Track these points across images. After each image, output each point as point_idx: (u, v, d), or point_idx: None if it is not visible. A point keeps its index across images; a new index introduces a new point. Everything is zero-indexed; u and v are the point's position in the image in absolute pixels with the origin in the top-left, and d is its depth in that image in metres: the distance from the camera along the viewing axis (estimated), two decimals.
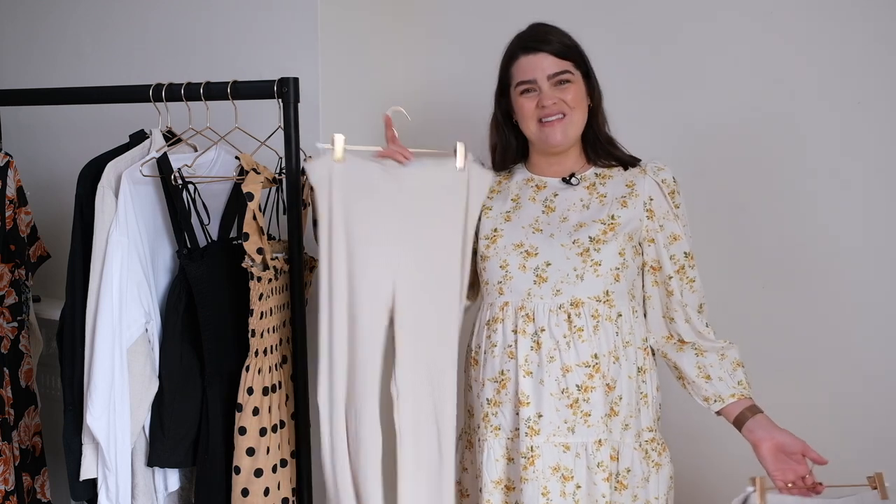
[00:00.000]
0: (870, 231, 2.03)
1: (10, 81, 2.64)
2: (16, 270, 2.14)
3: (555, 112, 1.68)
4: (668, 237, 1.72)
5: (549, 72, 1.67)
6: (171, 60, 2.35)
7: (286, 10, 2.14)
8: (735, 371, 1.70)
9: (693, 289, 1.73)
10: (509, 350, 1.68)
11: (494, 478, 1.70)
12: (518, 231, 1.72)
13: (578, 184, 1.74)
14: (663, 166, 1.73)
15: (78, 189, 1.78)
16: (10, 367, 2.13)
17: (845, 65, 2.01)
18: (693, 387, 1.72)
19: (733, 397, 1.68)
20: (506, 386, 1.69)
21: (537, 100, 1.68)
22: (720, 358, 1.71)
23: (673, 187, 1.72)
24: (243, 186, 1.67)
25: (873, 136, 2.00)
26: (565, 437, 1.66)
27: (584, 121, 1.72)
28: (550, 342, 1.66)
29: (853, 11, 1.99)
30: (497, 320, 1.71)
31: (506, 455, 1.71)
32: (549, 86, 1.68)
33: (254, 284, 1.69)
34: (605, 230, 1.68)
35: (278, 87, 1.71)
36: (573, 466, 1.66)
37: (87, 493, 1.78)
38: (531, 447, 1.65)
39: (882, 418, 2.04)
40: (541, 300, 1.67)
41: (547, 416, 1.65)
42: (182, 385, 1.77)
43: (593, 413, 1.65)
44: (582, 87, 1.70)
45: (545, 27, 1.72)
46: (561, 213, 1.72)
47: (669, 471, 1.74)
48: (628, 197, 1.71)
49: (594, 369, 1.65)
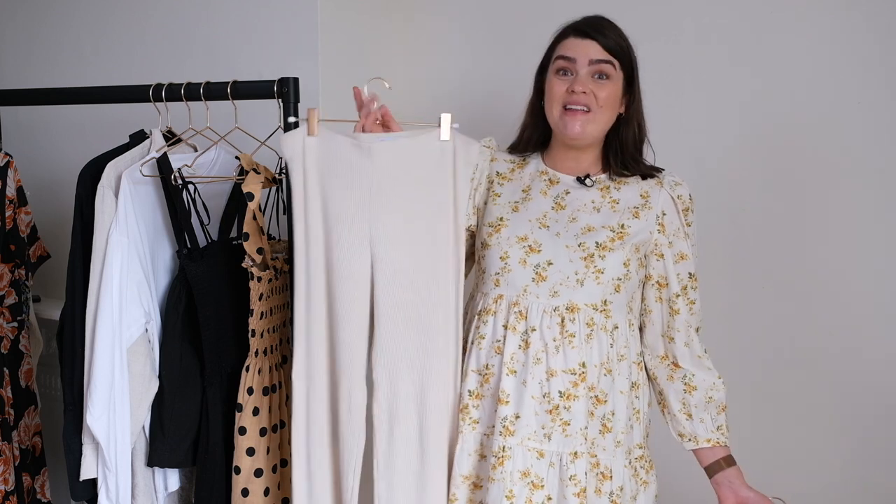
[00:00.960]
0: (870, 231, 2.03)
1: (10, 81, 2.64)
2: (16, 270, 2.14)
3: (582, 102, 1.62)
4: (676, 255, 1.68)
5: (592, 57, 1.62)
6: (171, 60, 2.35)
7: (286, 10, 2.14)
8: (718, 416, 1.67)
9: (692, 311, 1.69)
10: (497, 345, 1.63)
11: (464, 472, 1.64)
12: (524, 224, 1.67)
13: (592, 185, 1.69)
14: (681, 181, 1.69)
15: (78, 189, 1.78)
16: (10, 367, 2.13)
17: (845, 65, 2.01)
18: (673, 420, 1.70)
19: (708, 442, 1.66)
20: (489, 380, 1.64)
21: (569, 84, 1.63)
22: (706, 401, 1.67)
23: (688, 205, 1.68)
24: (243, 186, 1.67)
25: (873, 136, 2.00)
26: (540, 443, 1.60)
27: (609, 124, 1.66)
28: (539, 343, 1.61)
29: (853, 11, 1.99)
30: (489, 312, 1.65)
31: (479, 451, 1.66)
32: (587, 73, 1.62)
33: (254, 284, 1.69)
34: (613, 238, 1.63)
35: (278, 87, 1.71)
36: (545, 476, 1.60)
37: (87, 493, 1.78)
38: (503, 447, 1.60)
39: (882, 418, 2.04)
40: (536, 299, 1.62)
41: (524, 419, 1.60)
42: (182, 385, 1.77)
43: (573, 423, 1.60)
44: (619, 89, 1.65)
45: (605, 20, 1.67)
46: (571, 213, 1.67)
47: (655, 489, 1.70)
48: (641, 208, 1.66)
49: (580, 378, 1.60)
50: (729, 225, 2.13)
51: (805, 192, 2.08)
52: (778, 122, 2.09)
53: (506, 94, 2.37)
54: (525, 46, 2.34)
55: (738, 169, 2.14)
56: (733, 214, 2.13)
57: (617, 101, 1.65)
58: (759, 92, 2.10)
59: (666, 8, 2.16)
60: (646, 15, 2.19)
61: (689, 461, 1.70)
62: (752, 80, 2.10)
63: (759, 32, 2.08)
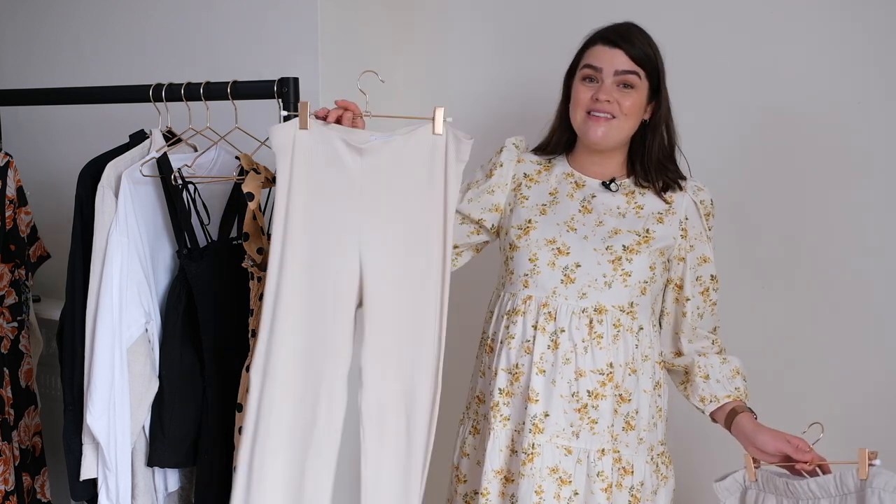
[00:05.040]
0: (870, 231, 2.02)
1: (10, 81, 2.64)
2: (16, 270, 2.14)
3: (605, 110, 1.65)
4: (699, 258, 1.73)
5: (618, 67, 1.64)
6: (171, 60, 2.35)
7: (286, 10, 2.14)
8: (734, 378, 1.72)
9: (713, 312, 1.76)
10: (527, 345, 1.67)
11: (496, 467, 1.70)
12: (552, 227, 1.70)
13: (618, 190, 1.73)
14: (703, 187, 1.74)
15: (78, 189, 1.78)
16: (10, 367, 2.13)
17: (845, 65, 2.01)
18: (691, 387, 1.73)
19: (728, 398, 1.69)
20: (519, 379, 1.68)
21: (594, 91, 1.66)
22: (722, 362, 1.73)
23: (710, 209, 1.73)
24: (243, 186, 1.67)
25: (873, 136, 2.00)
26: (569, 440, 1.65)
27: (633, 130, 1.70)
28: (568, 344, 1.65)
29: (853, 11, 1.99)
30: (518, 312, 1.69)
31: (510, 446, 1.71)
32: (612, 83, 1.65)
33: (254, 284, 1.69)
34: (639, 241, 1.67)
35: (278, 87, 1.71)
36: (573, 472, 1.66)
37: (87, 493, 1.78)
38: (532, 444, 1.65)
39: (882, 418, 2.04)
40: (565, 300, 1.66)
41: (553, 417, 1.65)
42: (182, 385, 1.77)
43: (600, 421, 1.65)
44: (644, 97, 1.67)
45: (634, 28, 1.69)
46: (597, 217, 1.70)
47: (673, 484, 1.76)
48: (665, 214, 1.70)
49: (607, 378, 1.65)
50: (729, 225, 2.13)
51: (805, 192, 2.08)
52: (778, 122, 2.09)
53: (506, 94, 2.38)
54: (526, 46, 2.35)
55: (738, 169, 2.14)
56: (733, 214, 2.13)
57: (641, 109, 1.69)
58: (759, 92, 2.10)
59: (666, 8, 2.16)
60: (646, 15, 2.19)
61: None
62: (751, 80, 2.10)
63: (758, 32, 2.08)
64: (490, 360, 1.75)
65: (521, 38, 2.34)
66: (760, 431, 1.63)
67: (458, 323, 2.33)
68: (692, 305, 1.73)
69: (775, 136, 2.10)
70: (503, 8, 2.36)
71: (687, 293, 1.73)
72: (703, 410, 1.72)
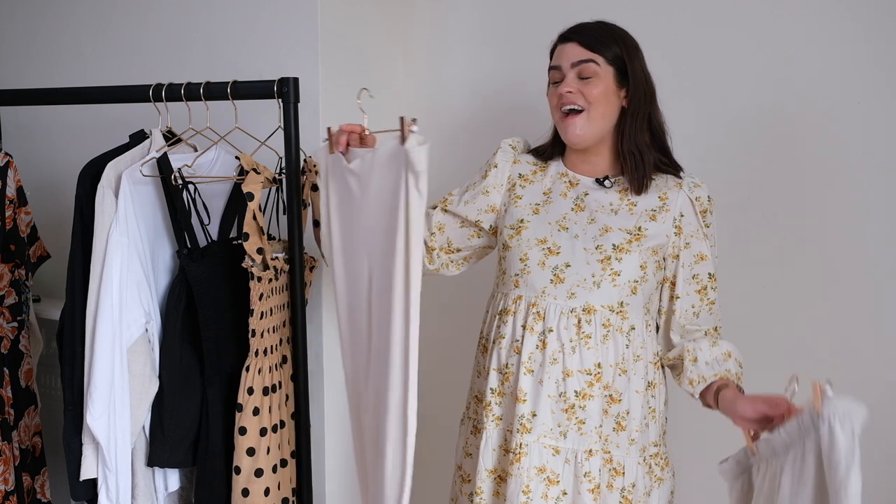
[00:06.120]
0: (870, 231, 2.03)
1: (10, 81, 2.64)
2: (16, 270, 2.14)
3: (569, 102, 1.64)
4: (695, 256, 1.70)
5: (573, 59, 1.64)
6: (171, 60, 2.35)
7: (286, 10, 2.13)
8: (726, 360, 1.67)
9: (711, 311, 1.72)
10: (516, 345, 1.68)
11: (489, 466, 1.71)
12: (544, 226, 1.70)
13: (612, 186, 1.71)
14: (700, 183, 1.71)
15: (78, 189, 1.78)
16: (10, 367, 2.13)
17: (845, 65, 2.01)
18: (683, 373, 1.68)
19: (716, 376, 1.64)
20: (509, 379, 1.69)
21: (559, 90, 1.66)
22: (712, 345, 1.68)
23: (706, 206, 1.70)
24: (243, 186, 1.67)
25: (873, 136, 2.00)
26: (556, 440, 1.65)
27: (609, 120, 1.66)
28: (556, 344, 1.65)
29: (853, 11, 1.99)
30: (508, 312, 1.70)
31: (503, 446, 1.71)
32: (573, 76, 1.64)
33: (254, 284, 1.69)
34: (629, 240, 1.65)
35: (278, 87, 1.71)
36: (561, 472, 1.65)
37: (87, 493, 1.78)
38: (520, 444, 1.65)
39: (882, 418, 2.03)
40: (554, 300, 1.66)
41: (541, 417, 1.65)
42: (182, 385, 1.78)
43: (588, 421, 1.65)
44: (611, 84, 1.64)
45: (592, 21, 1.68)
46: (590, 214, 1.69)
47: (671, 486, 1.74)
48: (659, 211, 1.68)
49: (595, 378, 1.64)
50: (729, 225, 2.12)
51: (805, 192, 2.08)
52: (778, 122, 2.09)
53: (507, 94, 2.38)
54: (526, 46, 2.35)
55: (738, 169, 2.14)
56: (733, 214, 2.13)
57: (611, 95, 1.65)
58: (759, 92, 2.10)
59: (666, 8, 2.16)
60: (645, 15, 2.19)
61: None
62: (751, 79, 2.10)
63: (758, 32, 2.08)
64: (485, 360, 1.75)
65: (519, 35, 2.34)
66: (739, 399, 1.56)
67: (459, 323, 2.34)
68: (684, 304, 1.70)
69: (775, 135, 2.10)
70: (502, 5, 2.37)
71: (678, 291, 1.70)
72: (693, 394, 1.66)
